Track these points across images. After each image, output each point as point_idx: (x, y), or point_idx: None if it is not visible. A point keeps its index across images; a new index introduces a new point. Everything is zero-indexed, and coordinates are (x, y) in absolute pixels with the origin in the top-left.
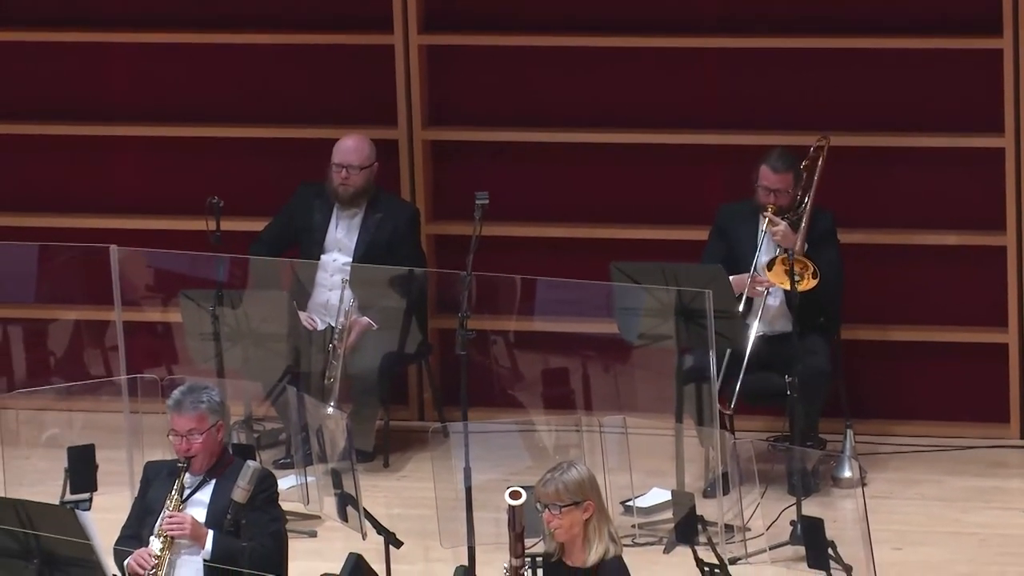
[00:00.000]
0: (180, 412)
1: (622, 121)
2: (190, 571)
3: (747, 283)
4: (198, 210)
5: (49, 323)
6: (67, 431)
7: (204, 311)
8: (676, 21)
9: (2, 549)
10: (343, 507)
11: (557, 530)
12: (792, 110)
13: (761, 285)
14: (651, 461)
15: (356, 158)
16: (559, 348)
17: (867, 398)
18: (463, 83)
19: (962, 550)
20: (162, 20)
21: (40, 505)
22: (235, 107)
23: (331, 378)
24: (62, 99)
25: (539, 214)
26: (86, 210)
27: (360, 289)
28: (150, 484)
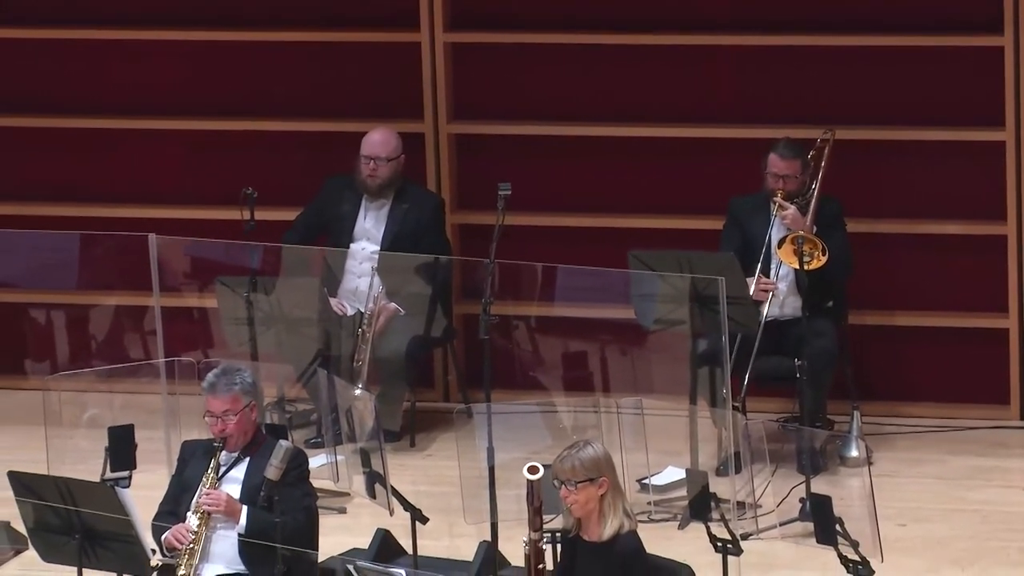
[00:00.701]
0: (215, 394)
1: (639, 116)
2: (225, 545)
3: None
4: (233, 200)
5: (90, 308)
6: (107, 412)
7: (239, 297)
8: (690, 20)
9: (46, 524)
10: (371, 484)
11: (573, 505)
12: (801, 105)
13: (767, 288)
14: (666, 441)
15: (383, 150)
16: (578, 333)
17: (873, 381)
18: (487, 79)
19: (964, 526)
20: (202, 19)
21: (82, 482)
22: (269, 102)
23: (360, 361)
24: (104, 95)
25: (559, 204)
26: (126, 200)
27: (388, 276)
28: (187, 462)
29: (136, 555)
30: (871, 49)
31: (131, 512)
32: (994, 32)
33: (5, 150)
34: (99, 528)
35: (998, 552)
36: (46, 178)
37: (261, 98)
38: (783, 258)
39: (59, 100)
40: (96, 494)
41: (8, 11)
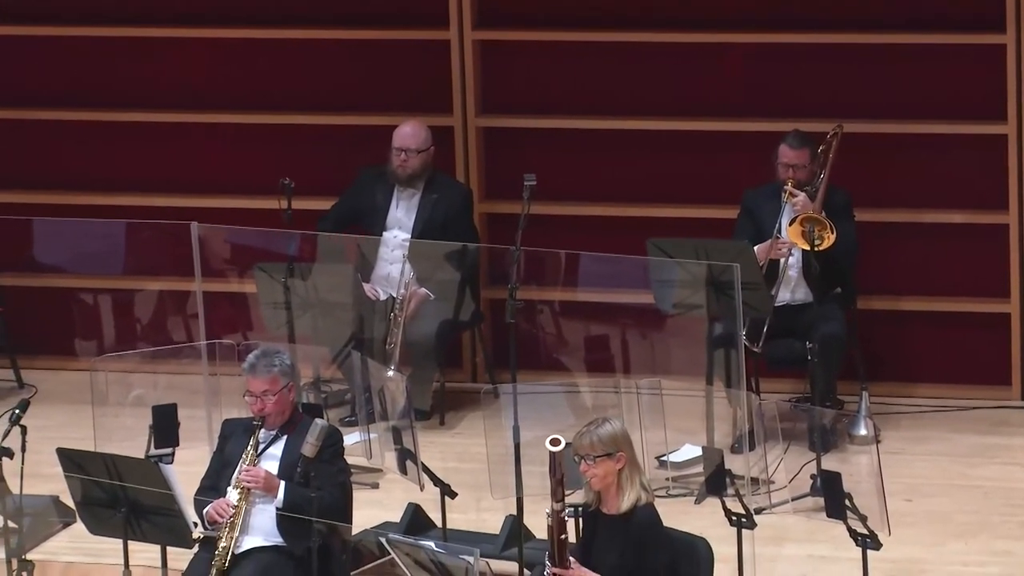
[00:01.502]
0: (255, 374)
1: (657, 110)
2: (264, 519)
3: (770, 247)
4: (271, 190)
5: (135, 293)
6: (152, 391)
7: (276, 282)
8: (705, 19)
9: (93, 499)
10: (403, 461)
11: (592, 479)
12: (810, 99)
13: (783, 246)
14: (683, 420)
15: (414, 142)
16: (600, 316)
17: (881, 362)
18: (513, 75)
19: (968, 502)
20: (243, 18)
21: (127, 459)
22: (306, 97)
23: (392, 344)
24: (149, 90)
25: (582, 195)
26: (169, 190)
27: (418, 263)
28: (227, 440)
29: (179, 528)
30: (878, 46)
31: (174, 487)
32: (997, 30)
33: (57, 142)
34: (144, 502)
35: (1000, 526)
36: (94, 169)
37: (298, 93)
38: (792, 239)
39: (108, 95)
40: (141, 470)
41: (61, 9)
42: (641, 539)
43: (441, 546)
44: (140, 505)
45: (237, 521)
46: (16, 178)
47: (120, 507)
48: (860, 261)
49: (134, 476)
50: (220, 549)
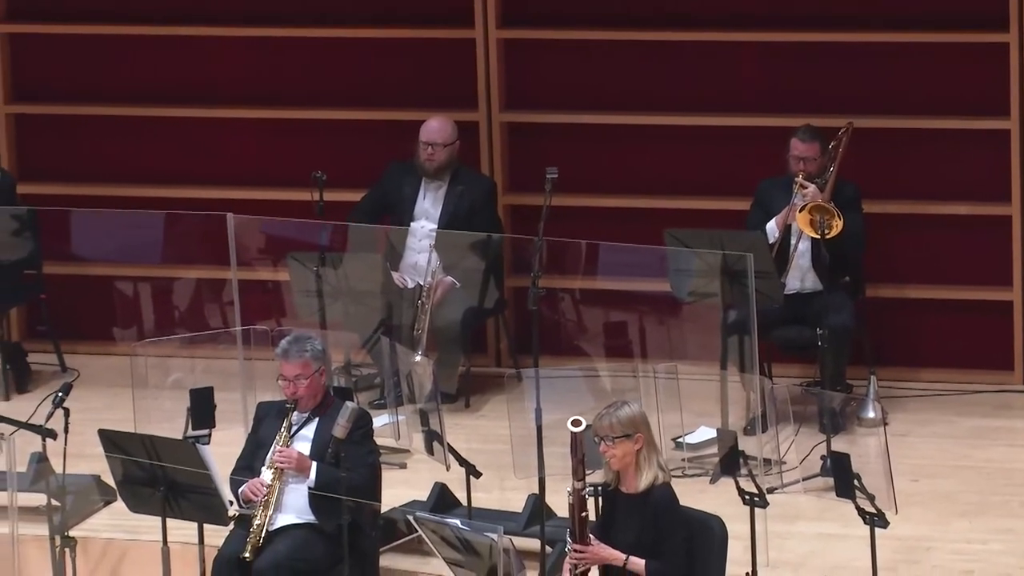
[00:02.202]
0: (288, 359)
1: (674, 106)
2: (296, 497)
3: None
4: (304, 183)
5: (174, 281)
6: (189, 375)
7: (309, 271)
8: (721, 18)
9: (133, 478)
10: (430, 442)
11: (612, 459)
12: (821, 95)
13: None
14: (699, 403)
15: (440, 137)
16: (619, 304)
17: (888, 348)
18: (536, 72)
19: (971, 482)
20: (276, 18)
21: (166, 440)
22: (337, 93)
23: (419, 330)
24: (187, 86)
25: (602, 187)
26: (206, 183)
27: (445, 252)
28: (261, 422)
29: (215, 506)
30: (887, 44)
31: (211, 467)
32: (1000, 29)
33: (100, 137)
34: (181, 481)
35: (1001, 506)
36: (135, 162)
37: (330, 89)
38: (801, 226)
39: (148, 91)
40: (179, 450)
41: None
42: (658, 517)
43: (466, 523)
44: (178, 484)
45: (271, 499)
46: (60, 171)
47: (159, 486)
48: (868, 251)
49: (172, 456)
50: (254, 526)
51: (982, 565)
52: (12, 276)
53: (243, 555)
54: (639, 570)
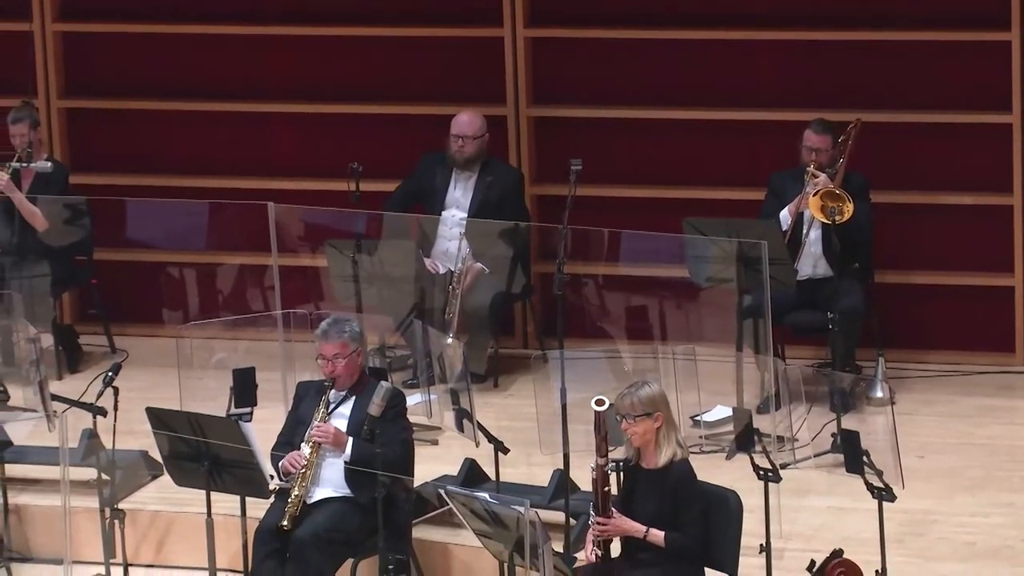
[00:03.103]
0: (326, 340)
1: (693, 101)
2: (334, 471)
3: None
4: (341, 174)
5: (217, 267)
6: (232, 356)
7: (346, 258)
8: (737, 17)
9: (179, 453)
10: (460, 420)
11: (633, 436)
12: (832, 91)
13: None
14: (715, 383)
15: (470, 130)
16: (639, 289)
17: (896, 331)
18: (561, 69)
19: (974, 458)
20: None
21: (210, 417)
22: (373, 89)
23: (450, 313)
24: (231, 82)
25: (624, 178)
26: (249, 173)
27: (474, 240)
28: (301, 400)
29: (256, 480)
30: (895, 43)
31: (252, 443)
32: (1003, 28)
33: (150, 130)
34: (224, 456)
35: (1003, 481)
36: (182, 154)
37: (366, 85)
38: (813, 211)
39: (196, 87)
40: (222, 427)
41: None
42: (677, 491)
43: (494, 497)
44: (221, 459)
45: (309, 473)
46: (110, 162)
47: (203, 461)
48: (877, 239)
49: (216, 433)
50: (293, 498)
51: (984, 537)
52: (65, 262)
53: (283, 526)
54: (659, 541)
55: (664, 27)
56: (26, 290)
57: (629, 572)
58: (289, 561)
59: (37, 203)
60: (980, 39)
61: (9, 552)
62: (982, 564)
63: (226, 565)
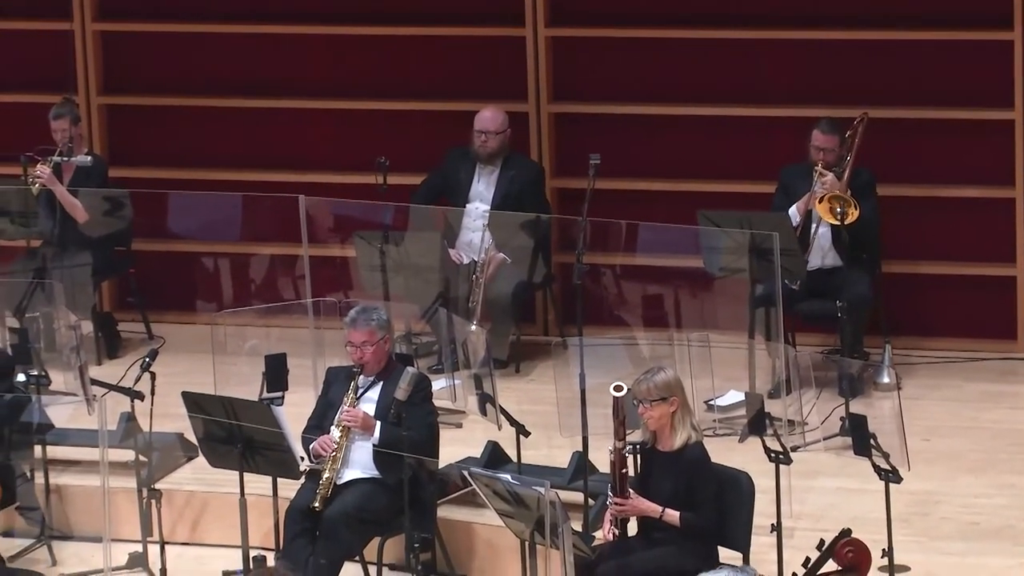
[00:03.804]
0: (355, 328)
1: (706, 97)
2: (362, 454)
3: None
4: (369, 168)
5: (251, 257)
6: (264, 343)
7: (373, 248)
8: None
9: (213, 436)
10: (483, 404)
11: (649, 420)
12: (841, 88)
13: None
14: (728, 369)
15: (492, 125)
16: (656, 279)
17: (902, 319)
18: (581, 67)
19: (978, 441)
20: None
21: (243, 401)
22: (400, 86)
23: (474, 302)
24: (264, 79)
25: (640, 172)
26: (281, 167)
27: (497, 231)
28: (330, 385)
29: (288, 461)
30: (901, 42)
31: (284, 426)
32: (1006, 28)
33: (183, 125)
34: (257, 439)
35: (1006, 463)
36: (215, 148)
37: (394, 83)
38: (821, 213)
39: (230, 85)
40: (255, 411)
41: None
42: (691, 473)
43: (516, 478)
44: (254, 441)
45: (339, 456)
46: (148, 156)
47: (236, 443)
48: (884, 230)
49: (249, 416)
50: (324, 480)
51: (987, 517)
52: (104, 252)
53: (313, 506)
54: (674, 521)
55: (679, 27)
56: (67, 279)
57: (645, 550)
58: (319, 539)
59: (78, 196)
60: (984, 38)
61: (50, 530)
62: (985, 543)
63: (258, 543)
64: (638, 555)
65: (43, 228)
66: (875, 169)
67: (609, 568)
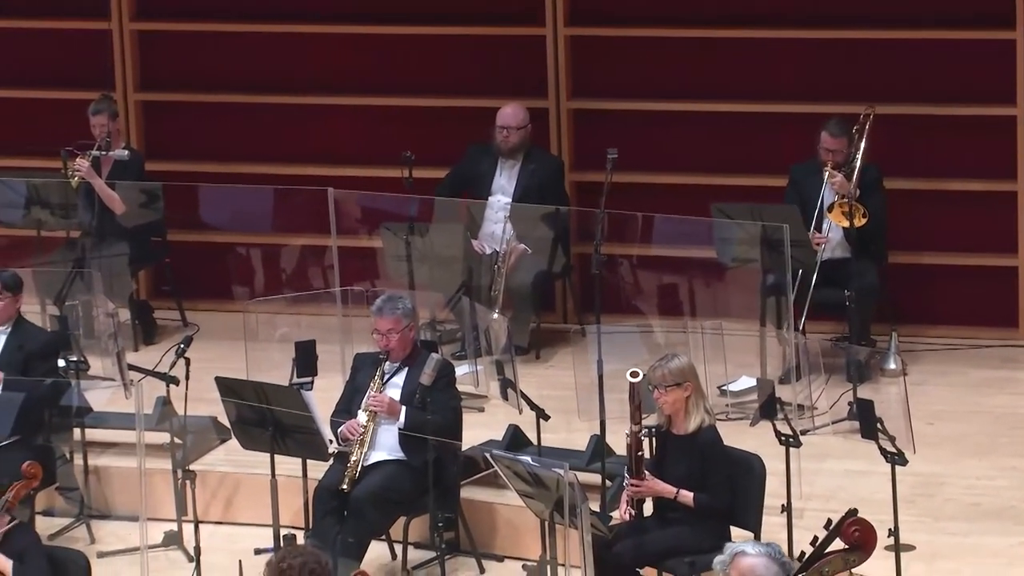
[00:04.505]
0: (381, 316)
1: (719, 94)
2: (388, 437)
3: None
4: (396, 162)
5: (281, 248)
6: (294, 330)
7: (400, 239)
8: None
9: (246, 419)
10: (505, 389)
11: (664, 405)
12: (849, 86)
13: (819, 242)
14: (741, 356)
15: (514, 121)
16: (670, 269)
17: (908, 308)
18: (599, 65)
19: (980, 425)
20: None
21: (274, 386)
22: (425, 83)
23: (496, 291)
24: (294, 76)
25: (656, 166)
26: (310, 161)
27: (518, 223)
28: (358, 371)
29: (317, 444)
30: (907, 41)
31: (313, 410)
32: (1008, 27)
33: (216, 121)
34: (287, 422)
35: (1007, 446)
36: (247, 143)
37: (419, 80)
38: (834, 220)
39: (260, 81)
40: (285, 395)
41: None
42: (705, 455)
43: (536, 460)
44: (284, 425)
45: (366, 438)
46: (183, 151)
47: (268, 426)
48: (891, 223)
49: (279, 400)
50: (351, 461)
51: (989, 498)
52: (141, 242)
53: (341, 486)
54: (688, 502)
55: (694, 26)
56: (105, 268)
57: (660, 530)
58: (347, 518)
59: (115, 188)
60: (987, 38)
61: (89, 509)
62: (987, 523)
63: (288, 522)
64: (653, 534)
65: (82, 219)
66: (881, 163)
67: (625, 546)
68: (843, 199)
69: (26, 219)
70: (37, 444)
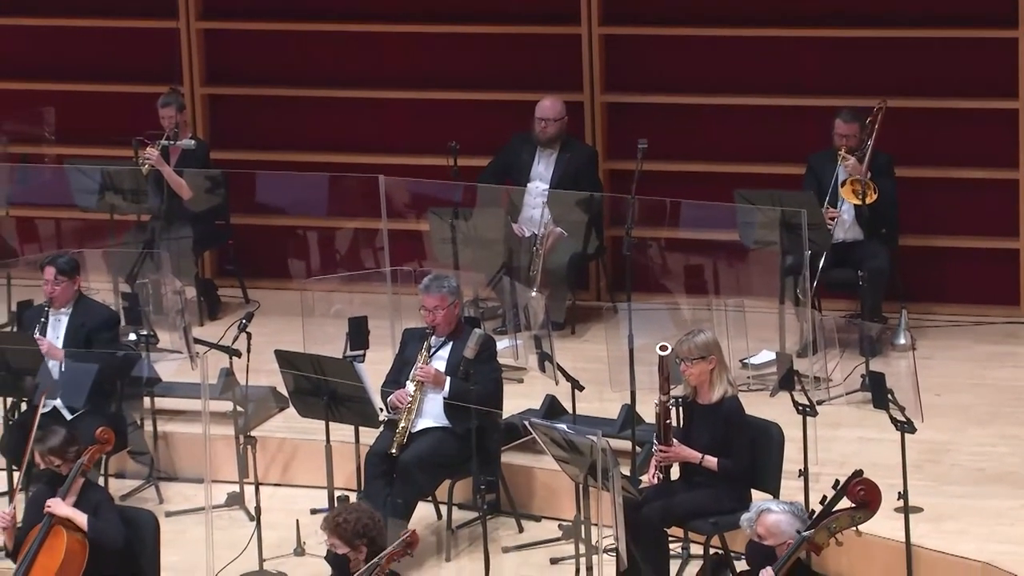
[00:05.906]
0: (428, 293)
1: (743, 88)
2: (434, 406)
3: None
4: (442, 151)
5: (336, 230)
6: (348, 306)
7: (445, 223)
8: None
9: (302, 389)
10: (542, 362)
11: (690, 377)
12: (863, 81)
13: (832, 216)
14: (761, 331)
15: (552, 113)
16: (697, 250)
17: (917, 287)
18: (631, 61)
19: (985, 396)
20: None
21: (329, 358)
22: (470, 78)
23: (534, 271)
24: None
25: (683, 155)
26: (363, 150)
27: (555, 208)
28: (406, 345)
29: (368, 412)
30: (917, 39)
31: (365, 380)
32: (1011, 26)
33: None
34: (341, 392)
35: (1010, 416)
36: (307, 133)
37: (465, 74)
38: (845, 196)
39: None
40: (339, 367)
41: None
42: (728, 423)
43: (571, 428)
44: (338, 394)
45: (413, 407)
46: (245, 140)
47: (322, 396)
48: (901, 208)
49: (334, 372)
50: (400, 429)
51: (992, 464)
52: (206, 225)
53: (390, 451)
54: (712, 467)
55: (719, 25)
56: (173, 250)
57: (687, 492)
58: (396, 481)
59: (182, 175)
60: (991, 36)
61: (158, 472)
62: (990, 487)
63: (342, 484)
64: (680, 496)
65: (152, 204)
66: (893, 153)
67: (654, 508)
68: (855, 178)
69: (100, 204)
70: (110, 412)
